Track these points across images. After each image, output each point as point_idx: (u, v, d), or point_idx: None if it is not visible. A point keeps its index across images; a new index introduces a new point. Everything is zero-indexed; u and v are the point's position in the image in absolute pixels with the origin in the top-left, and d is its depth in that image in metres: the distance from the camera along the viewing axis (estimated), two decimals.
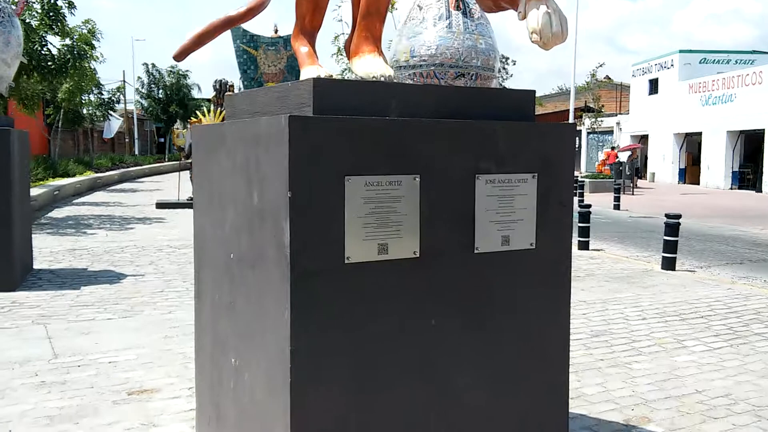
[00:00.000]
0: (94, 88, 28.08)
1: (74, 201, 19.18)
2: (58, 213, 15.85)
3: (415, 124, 2.68)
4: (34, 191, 16.51)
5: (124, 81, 48.86)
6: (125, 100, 48.78)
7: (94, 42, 18.47)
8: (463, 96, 2.91)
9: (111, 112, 34.36)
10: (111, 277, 8.25)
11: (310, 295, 2.52)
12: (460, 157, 2.79)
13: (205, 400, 3.55)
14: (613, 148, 40.90)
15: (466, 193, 2.81)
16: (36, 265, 8.98)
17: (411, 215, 2.69)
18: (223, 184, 3.11)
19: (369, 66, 2.85)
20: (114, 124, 38.00)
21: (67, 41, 14.12)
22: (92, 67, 23.35)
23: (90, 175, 25.80)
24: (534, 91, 3.10)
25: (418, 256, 2.72)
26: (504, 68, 30.20)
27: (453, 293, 2.81)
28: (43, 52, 12.65)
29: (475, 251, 2.84)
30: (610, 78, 52.50)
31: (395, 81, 2.87)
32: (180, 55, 3.73)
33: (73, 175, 24.09)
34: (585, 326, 6.23)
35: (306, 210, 2.50)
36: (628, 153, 33.92)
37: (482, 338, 2.89)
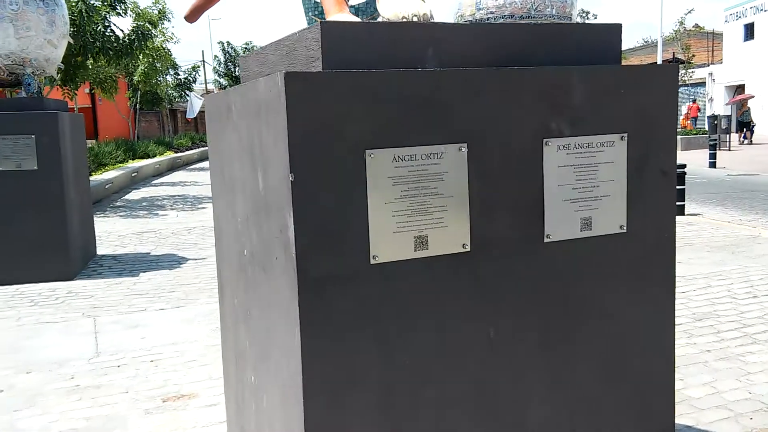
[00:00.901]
0: (170, 69, 28.31)
1: (153, 182, 19.32)
2: (134, 195, 15.91)
3: (460, 76, 2.02)
4: (111, 174, 16.64)
5: (204, 61, 49.51)
6: (205, 79, 49.46)
7: (165, 22, 18.35)
8: (526, 35, 2.21)
9: (190, 93, 34.71)
10: (172, 262, 7.95)
11: (324, 310, 1.93)
12: (523, 117, 2.11)
13: (232, 418, 3.04)
14: (694, 101, 38.22)
15: (532, 164, 2.14)
16: (101, 251, 8.81)
17: (458, 197, 2.04)
18: (232, 164, 2.54)
19: (398, 3, 2.19)
20: (196, 104, 38.39)
21: (131, 22, 13.99)
22: (166, 47, 23.44)
23: (170, 155, 26.10)
24: (620, 25, 2.36)
25: (468, 250, 2.07)
26: (584, 23, 28.52)
27: (517, 297, 2.15)
28: (107, 33, 12.51)
29: (546, 240, 2.17)
30: (699, 26, 49.26)
31: (433, 21, 2.20)
32: (191, 16, 3.19)
33: (153, 156, 24.39)
34: (685, 308, 5.40)
35: (315, 197, 1.89)
36: (737, 105, 31.46)
37: (559, 356, 2.23)
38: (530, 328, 2.18)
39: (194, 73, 33.80)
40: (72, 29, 11.85)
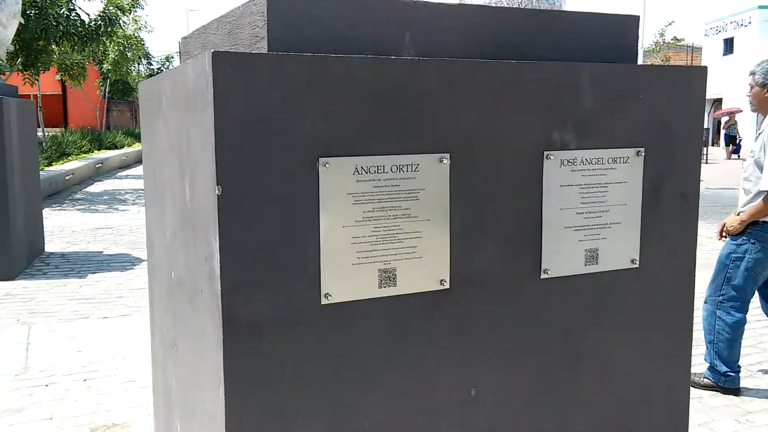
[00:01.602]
0: (142, 58, 27.58)
1: (117, 174, 18.64)
2: (96, 187, 15.26)
3: (443, 68, 1.59)
4: (73, 165, 15.97)
5: (180, 51, 48.45)
6: None
7: (139, 10, 17.71)
8: (525, 21, 1.79)
9: None
10: (125, 263, 7.41)
11: (258, 362, 1.48)
12: (519, 123, 1.68)
13: None
14: None
15: (529, 181, 1.71)
16: (50, 248, 8.23)
17: (436, 221, 1.61)
18: (162, 166, 2.09)
19: None
20: None
21: (100, 7, 13.39)
22: (138, 36, 22.74)
23: (138, 147, 25.36)
24: (638, 17, 1.95)
25: (447, 287, 1.64)
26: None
27: (505, 346, 1.73)
28: (71, 17, 11.89)
29: (543, 276, 1.75)
30: (678, 38, 49.61)
31: None
32: None
33: (121, 147, 23.65)
34: None
35: (249, 217, 1.45)
36: (725, 118, 31.45)
37: (553, 416, 1.80)
38: (520, 383, 1.76)
39: (168, 63, 33.02)
40: (33, 11, 11.24)
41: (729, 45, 38.10)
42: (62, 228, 9.53)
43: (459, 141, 1.62)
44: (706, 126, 31.80)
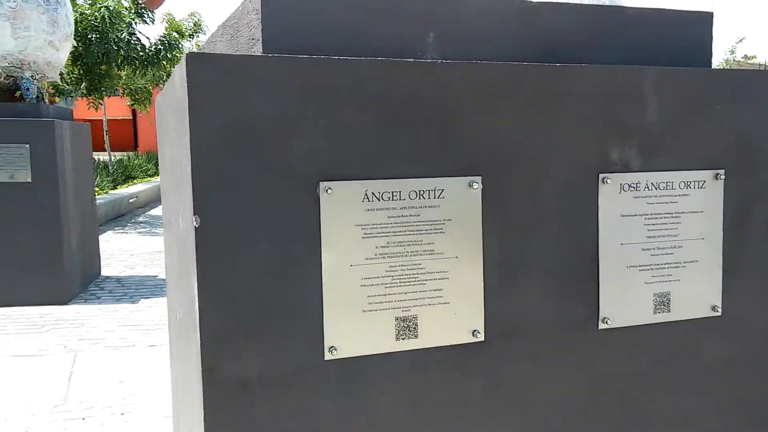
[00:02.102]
0: None
1: None
2: (158, 210, 15.46)
3: (475, 73, 1.31)
4: (137, 188, 16.25)
5: None
6: None
7: (201, 35, 18.02)
8: (577, 19, 1.49)
9: None
10: None
11: (245, 429, 1.22)
12: (569, 139, 1.39)
13: None
14: None
15: (581, 211, 1.41)
16: (107, 271, 8.23)
17: (466, 258, 1.33)
18: (167, 192, 1.87)
19: None
20: None
21: (162, 31, 13.63)
22: None
23: None
24: (711, 14, 1.63)
25: (481, 339, 1.35)
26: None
27: (552, 411, 1.42)
28: (132, 41, 12.10)
29: (602, 326, 1.43)
30: (750, 56, 47.61)
31: None
32: (150, 3, 2.54)
33: None
34: None
35: (234, 254, 1.19)
36: None
37: None
38: None
39: None
40: (95, 35, 11.46)
41: None
42: (121, 251, 9.59)
43: (493, 161, 1.33)
44: None
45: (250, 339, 1.21)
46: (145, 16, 11.94)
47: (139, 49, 12.35)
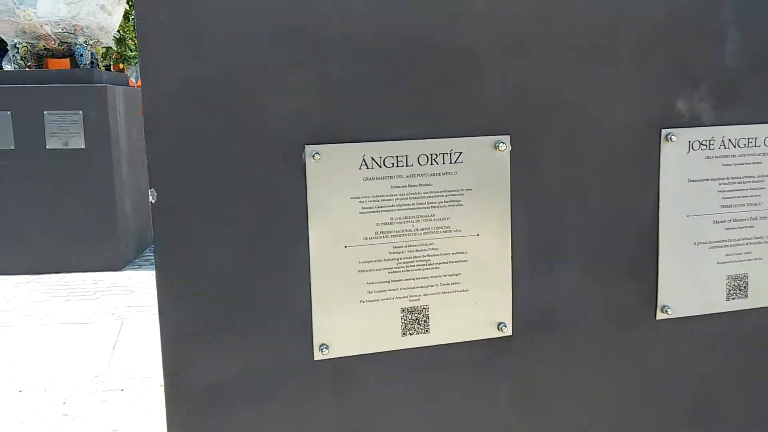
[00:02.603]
0: None
1: None
2: None
3: (501, 5, 1.04)
4: None
5: None
6: None
7: None
8: None
9: None
10: None
11: None
12: (620, 86, 1.11)
13: None
14: None
15: (636, 174, 1.14)
16: None
17: (491, 236, 1.08)
18: None
19: None
20: None
21: None
22: None
23: None
24: None
25: (508, 333, 1.11)
26: None
27: (601, 423, 1.17)
28: None
29: (661, 315, 1.17)
30: None
31: None
32: None
33: None
34: None
35: (199, 235, 0.98)
36: None
37: None
38: None
39: None
40: None
41: None
42: None
43: (524, 117, 1.07)
44: None
45: (223, 337, 1.00)
46: None
47: None
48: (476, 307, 1.09)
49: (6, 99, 6.45)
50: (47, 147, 6.49)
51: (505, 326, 1.10)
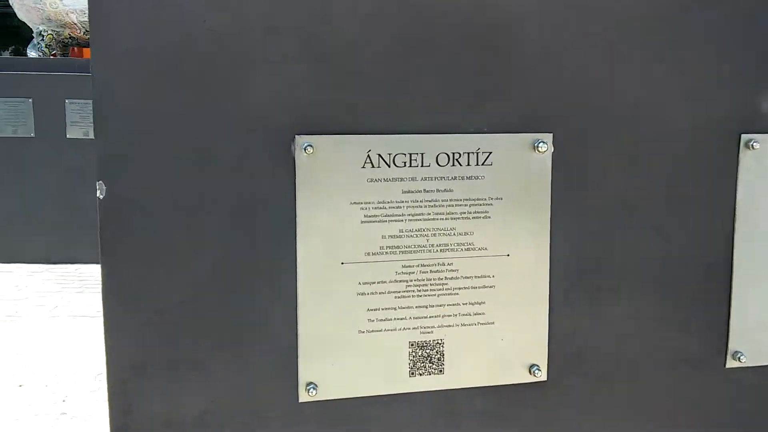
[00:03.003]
0: None
1: None
2: None
3: None
4: None
5: None
6: None
7: None
8: None
9: None
10: None
11: None
12: (690, 82, 0.89)
13: None
14: None
15: (709, 188, 0.92)
16: None
17: (524, 257, 0.87)
18: None
19: None
20: None
21: None
22: None
23: None
24: None
25: (542, 378, 0.89)
26: None
27: None
28: None
29: (732, 363, 0.95)
30: None
31: None
32: None
33: None
34: None
35: (158, 242, 0.79)
36: None
37: None
38: None
39: None
40: None
41: None
42: None
43: (572, 111, 0.86)
44: None
45: (184, 370, 0.81)
46: None
47: None
48: (503, 344, 0.88)
49: (28, 86, 6.35)
50: (67, 136, 6.39)
51: (539, 369, 0.89)
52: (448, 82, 0.83)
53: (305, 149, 0.79)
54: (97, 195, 0.77)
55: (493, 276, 0.87)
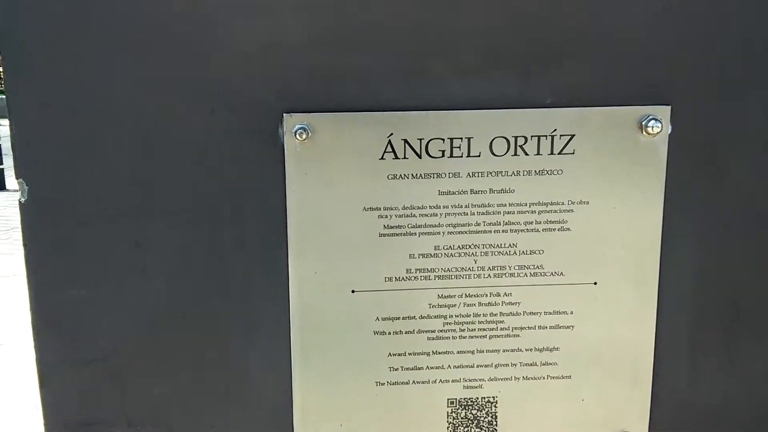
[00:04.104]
0: None
1: None
2: None
3: None
4: None
5: None
6: None
7: None
8: None
9: None
10: None
11: None
12: None
13: None
14: None
15: None
16: None
17: (618, 285, 0.60)
18: None
19: None
20: None
21: None
22: None
23: None
24: None
25: None
26: None
27: None
28: None
29: None
30: None
31: None
32: None
33: None
34: None
35: (98, 261, 0.58)
36: None
37: None
38: None
39: None
40: None
41: None
42: None
43: (698, 77, 0.57)
44: None
45: (142, 419, 0.61)
46: None
47: None
48: (584, 405, 0.62)
49: None
50: None
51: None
52: (504, 30, 0.55)
53: (298, 133, 0.55)
54: (19, 198, 0.56)
55: (572, 312, 0.60)
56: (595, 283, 0.60)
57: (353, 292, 0.59)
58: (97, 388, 0.60)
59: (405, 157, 0.57)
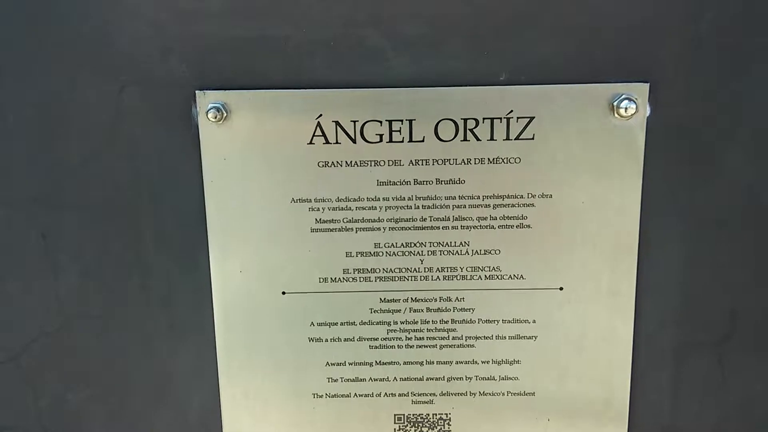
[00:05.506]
0: None
1: None
2: None
3: None
4: None
5: None
6: None
7: None
8: None
9: None
10: None
11: None
12: None
13: None
14: None
15: None
16: None
17: (590, 292, 0.52)
18: None
19: None
20: None
21: None
22: None
23: None
24: None
25: None
26: None
27: None
28: None
29: None
30: None
31: None
32: None
33: None
34: None
35: None
36: None
37: None
38: None
39: None
40: None
41: None
42: None
43: (680, 47, 0.48)
44: None
45: (57, 425, 0.56)
46: None
47: None
48: (550, 426, 0.54)
49: None
50: None
51: None
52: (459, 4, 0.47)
53: (210, 113, 0.49)
54: None
55: (535, 321, 0.53)
56: (561, 289, 0.52)
57: (284, 293, 0.53)
58: (6, 391, 0.55)
59: (337, 142, 0.50)
